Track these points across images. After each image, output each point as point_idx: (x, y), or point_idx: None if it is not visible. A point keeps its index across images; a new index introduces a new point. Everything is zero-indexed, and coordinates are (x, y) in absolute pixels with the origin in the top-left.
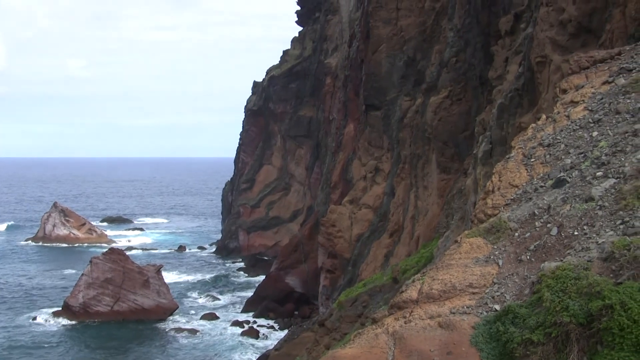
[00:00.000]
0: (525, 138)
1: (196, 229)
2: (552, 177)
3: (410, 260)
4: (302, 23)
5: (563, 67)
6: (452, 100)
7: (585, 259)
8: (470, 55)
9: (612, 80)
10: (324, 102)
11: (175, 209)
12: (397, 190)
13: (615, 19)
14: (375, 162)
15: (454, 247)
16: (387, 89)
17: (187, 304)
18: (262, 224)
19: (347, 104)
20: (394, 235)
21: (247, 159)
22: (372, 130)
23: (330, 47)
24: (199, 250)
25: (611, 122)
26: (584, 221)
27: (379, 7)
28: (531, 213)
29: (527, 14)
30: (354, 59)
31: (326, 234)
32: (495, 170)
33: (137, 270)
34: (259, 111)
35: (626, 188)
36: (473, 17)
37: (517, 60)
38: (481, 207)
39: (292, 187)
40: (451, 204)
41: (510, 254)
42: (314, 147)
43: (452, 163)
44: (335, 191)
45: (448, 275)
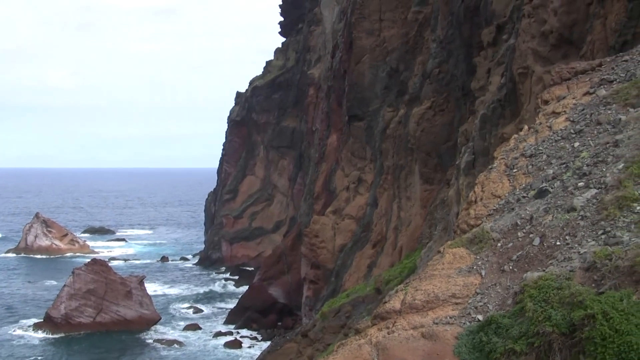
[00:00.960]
0: (507, 149)
1: (179, 239)
2: (535, 187)
3: (393, 271)
4: (285, 34)
5: (545, 78)
6: (435, 111)
7: (567, 269)
8: (452, 66)
9: (593, 91)
10: (307, 113)
11: (158, 219)
12: (380, 201)
13: (596, 31)
14: (358, 172)
15: (437, 258)
16: (370, 99)
17: (170, 314)
18: (245, 235)
19: (330, 114)
20: (377, 246)
21: (230, 169)
22: (355, 141)
23: (313, 58)
24: (182, 261)
25: (592, 133)
26: (566, 231)
27: (362, 18)
28: (514, 223)
29: (509, 25)
30: (337, 69)
31: (309, 245)
32: (477, 181)
33: (120, 281)
34: (242, 122)
35: (608, 198)
36: (455, 29)
37: (500, 71)
38: (464, 218)
39: (275, 198)
40: (434, 214)
41: (493, 264)
42: (297, 157)
43: (435, 174)
44: (318, 202)
45: (431, 285)
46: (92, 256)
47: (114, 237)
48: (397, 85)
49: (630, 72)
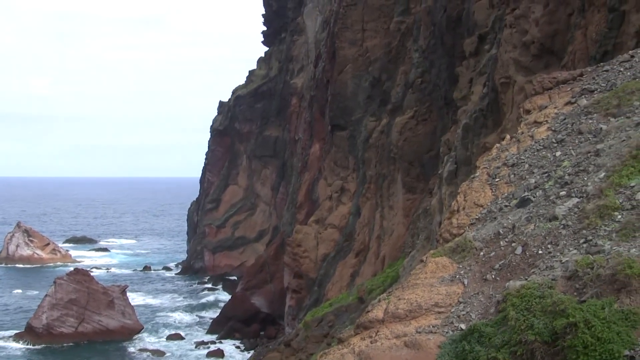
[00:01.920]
0: (489, 158)
1: (161, 249)
2: (517, 196)
3: (376, 280)
4: (268, 43)
5: (526, 88)
6: (418, 120)
7: (549, 277)
8: (435, 76)
9: (574, 101)
10: (290, 122)
11: (140, 229)
12: (363, 210)
13: (577, 41)
14: (341, 182)
15: (420, 267)
16: (353, 109)
17: (153, 324)
18: (228, 244)
19: (312, 124)
20: (360, 255)
21: (212, 178)
22: (337, 150)
23: (296, 68)
24: (165, 271)
25: (574, 142)
26: (548, 240)
27: (345, 28)
28: (496, 232)
29: (491, 36)
30: (319, 79)
31: (292, 254)
32: (460, 190)
33: (102, 290)
34: (225, 131)
35: (589, 207)
36: (438, 39)
37: (482, 81)
38: (446, 227)
39: (257, 207)
40: (417, 223)
41: (475, 273)
42: (280, 167)
43: (418, 183)
44: (301, 211)
45: (414, 294)
46: (74, 266)
47: (96, 247)
48: (380, 94)
49: (610, 82)
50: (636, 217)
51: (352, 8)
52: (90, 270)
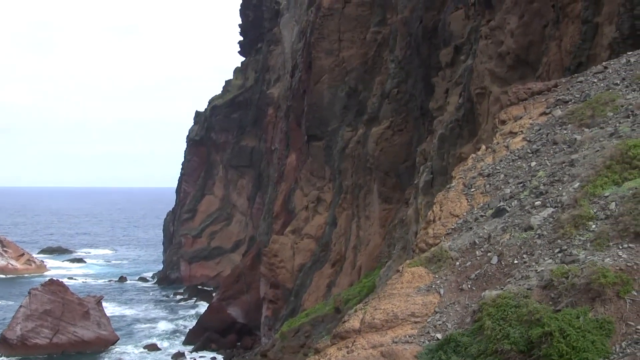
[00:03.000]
0: (465, 168)
1: (137, 259)
2: (492, 206)
3: (352, 290)
4: (245, 53)
5: (502, 99)
6: (394, 130)
7: (525, 287)
8: (411, 87)
9: (549, 111)
10: (266, 132)
11: (116, 239)
12: (339, 220)
13: (552, 52)
14: (317, 192)
15: (396, 277)
16: (329, 119)
17: (128, 335)
18: (204, 254)
19: (289, 134)
20: (336, 265)
21: (189, 188)
22: (314, 160)
23: (273, 78)
24: (140, 281)
25: (549, 153)
26: (524, 250)
27: (321, 38)
28: (472, 242)
29: (467, 47)
30: (296, 89)
31: (268, 264)
32: (436, 200)
33: (77, 301)
34: (201, 141)
35: (564, 217)
36: (414, 49)
37: (457, 92)
38: (422, 237)
39: (234, 217)
40: (393, 233)
41: (451, 283)
42: (256, 177)
43: (394, 193)
44: (277, 221)
45: (390, 304)
46: (49, 276)
47: (71, 257)
48: (356, 105)
49: (585, 92)
50: (610, 226)
51: (329, 18)
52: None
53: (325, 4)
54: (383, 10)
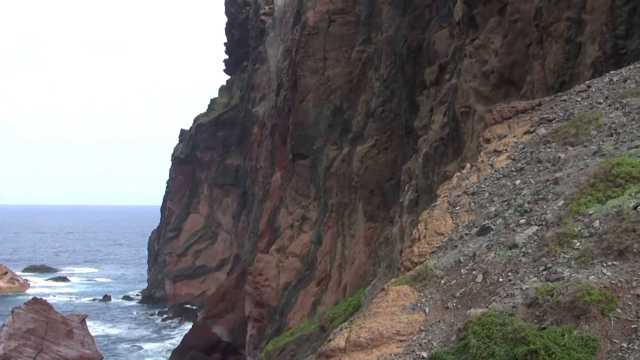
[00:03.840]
0: (450, 186)
1: (122, 278)
2: (477, 224)
3: (337, 309)
4: (230, 72)
5: (486, 117)
6: (379, 149)
7: (510, 305)
8: (396, 105)
9: (533, 130)
10: (251, 151)
11: (100, 257)
12: (324, 239)
13: (536, 71)
14: (302, 210)
15: (381, 295)
16: (314, 137)
17: (112, 354)
18: (189, 273)
19: (274, 152)
20: (322, 284)
21: (173, 207)
22: (299, 178)
23: (258, 96)
24: (125, 300)
25: (533, 171)
26: (508, 268)
27: (307, 56)
28: (457, 260)
29: (452, 65)
30: (281, 107)
31: (253, 283)
32: (421, 219)
33: (61, 320)
34: (186, 159)
35: (548, 235)
36: (399, 68)
37: (442, 110)
38: (407, 255)
39: (219, 236)
40: (378, 252)
41: (436, 301)
42: (241, 195)
43: (379, 211)
44: (262, 240)
45: (375, 323)
46: (33, 295)
47: (55, 276)
48: (341, 123)
49: (568, 111)
50: (594, 244)
51: (314, 37)
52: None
53: (310, 22)
54: (368, 29)
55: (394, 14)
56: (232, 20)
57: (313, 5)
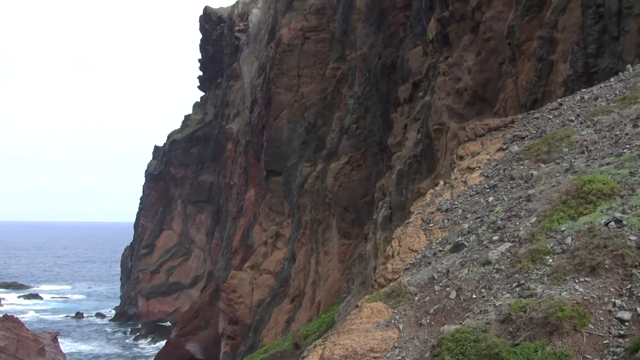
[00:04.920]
0: (424, 203)
1: (94, 295)
2: (451, 241)
3: (311, 326)
4: (204, 88)
5: (459, 134)
6: (352, 166)
7: (483, 321)
8: (370, 122)
9: (506, 147)
10: (225, 168)
11: (73, 274)
12: (298, 256)
13: (508, 89)
14: (276, 227)
15: (355, 312)
16: (288, 154)
17: None
18: (162, 290)
19: (248, 169)
20: (295, 301)
21: (147, 223)
22: (273, 195)
23: (232, 113)
24: (97, 317)
25: (506, 188)
26: (482, 284)
27: (281, 73)
28: (430, 277)
29: (425, 83)
30: (255, 124)
31: (227, 300)
32: (394, 235)
33: (32, 337)
34: (160, 175)
35: (521, 251)
36: (373, 85)
37: (416, 127)
38: (381, 272)
39: (192, 253)
40: (352, 269)
41: (410, 318)
42: (215, 212)
43: (353, 228)
44: (236, 257)
45: (349, 340)
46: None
47: (27, 293)
48: (315, 140)
49: (540, 129)
50: (566, 260)
51: (288, 54)
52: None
53: (284, 39)
54: (342, 46)
55: (368, 32)
56: (207, 37)
57: (287, 22)
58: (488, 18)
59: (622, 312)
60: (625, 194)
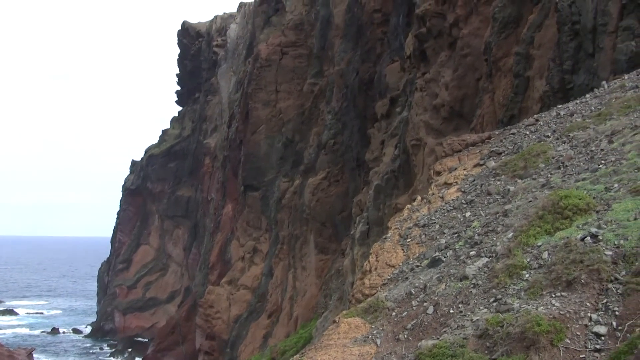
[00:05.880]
0: (401, 219)
1: (70, 310)
2: (428, 256)
3: (289, 341)
4: (182, 103)
5: (437, 150)
6: (330, 181)
7: (461, 336)
8: (347, 138)
9: (483, 162)
10: (203, 182)
11: (48, 289)
12: (276, 271)
13: (485, 105)
14: (253, 242)
15: (333, 327)
16: (266, 170)
17: None
18: (139, 305)
19: (225, 184)
20: (273, 316)
21: (124, 238)
22: (250, 210)
23: (210, 128)
24: (74, 333)
25: (483, 203)
26: (459, 299)
27: (259, 89)
28: (408, 292)
29: (402, 98)
30: (233, 139)
31: (204, 315)
32: (372, 251)
33: (7, 353)
34: (137, 190)
35: (498, 266)
36: (350, 101)
37: (393, 143)
38: (359, 287)
39: (169, 268)
40: (329, 284)
41: (388, 333)
42: (192, 227)
43: (330, 244)
44: (213, 272)
45: (327, 355)
46: None
47: (2, 309)
48: (293, 155)
49: (517, 144)
50: (543, 275)
51: (266, 69)
52: None
53: (262, 54)
54: (320, 62)
55: (345, 47)
56: (185, 52)
57: (265, 37)
58: (465, 34)
59: (598, 327)
60: (601, 209)
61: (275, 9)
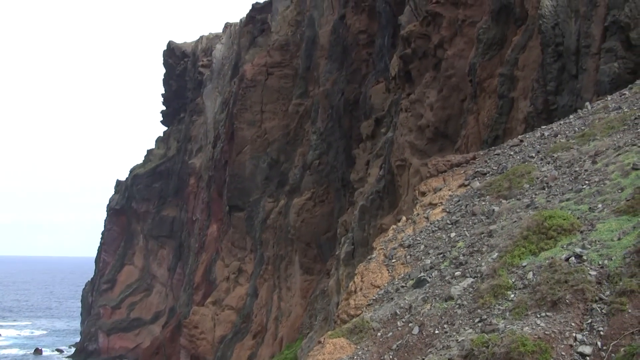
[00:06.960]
0: (386, 239)
1: (54, 330)
2: (413, 277)
3: None
4: (167, 123)
5: (422, 171)
6: (315, 202)
7: (446, 356)
8: (332, 158)
9: (468, 183)
10: (188, 203)
11: (31, 309)
12: (260, 291)
13: (470, 125)
14: (238, 263)
15: (318, 348)
16: (251, 190)
17: None
18: (123, 326)
19: (210, 204)
20: (258, 337)
21: (108, 258)
22: (235, 231)
23: (195, 148)
24: (57, 353)
25: (468, 224)
26: (444, 320)
27: (244, 109)
28: (393, 313)
29: (388, 119)
30: (218, 159)
31: (188, 336)
32: (357, 271)
33: None
34: (122, 210)
35: (483, 287)
36: (335, 121)
37: (378, 163)
38: (344, 308)
39: (154, 288)
40: (314, 304)
41: (373, 354)
42: (177, 247)
43: (315, 264)
44: (198, 292)
45: None
46: None
47: None
48: (278, 176)
49: (502, 165)
50: (528, 295)
51: (251, 90)
52: None
53: (248, 75)
54: (305, 82)
55: (331, 68)
56: (170, 72)
57: (251, 58)
58: (450, 55)
59: (583, 347)
60: (585, 229)
61: (261, 29)
